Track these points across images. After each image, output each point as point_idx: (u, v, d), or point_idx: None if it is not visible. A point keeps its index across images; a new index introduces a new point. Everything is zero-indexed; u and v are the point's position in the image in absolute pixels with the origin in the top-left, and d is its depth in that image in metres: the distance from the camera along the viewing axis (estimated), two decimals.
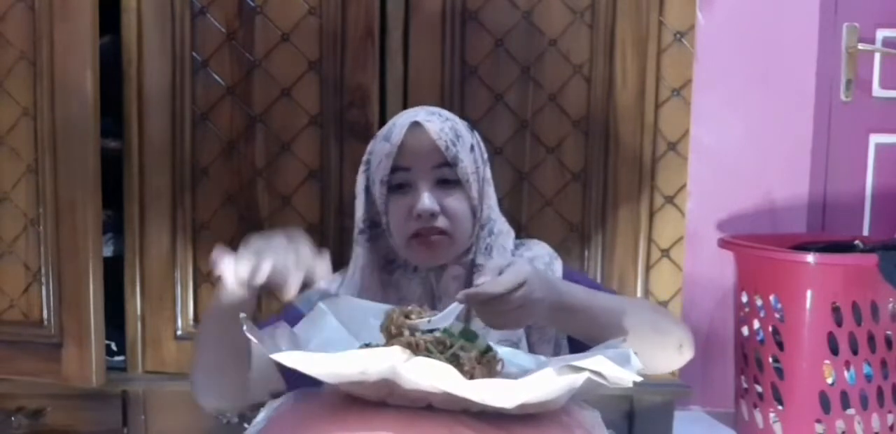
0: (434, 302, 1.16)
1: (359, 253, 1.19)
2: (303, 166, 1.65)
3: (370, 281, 1.18)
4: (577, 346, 1.11)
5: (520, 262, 0.96)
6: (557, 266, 1.21)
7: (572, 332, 1.06)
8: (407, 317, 0.98)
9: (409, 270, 1.18)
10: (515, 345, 1.12)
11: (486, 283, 0.93)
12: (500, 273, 0.94)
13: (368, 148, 1.20)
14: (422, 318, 0.97)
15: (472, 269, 1.15)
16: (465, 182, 1.13)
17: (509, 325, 0.97)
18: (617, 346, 0.94)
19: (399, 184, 1.13)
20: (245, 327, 0.89)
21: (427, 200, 1.10)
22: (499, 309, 0.93)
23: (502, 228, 1.20)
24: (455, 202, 1.13)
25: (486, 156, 1.19)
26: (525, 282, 0.93)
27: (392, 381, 0.83)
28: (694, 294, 2.16)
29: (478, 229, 1.16)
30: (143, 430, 1.71)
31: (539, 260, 1.20)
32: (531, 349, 1.13)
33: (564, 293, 1.00)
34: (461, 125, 1.18)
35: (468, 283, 1.14)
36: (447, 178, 1.13)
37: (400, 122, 1.15)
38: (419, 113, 1.16)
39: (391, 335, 0.97)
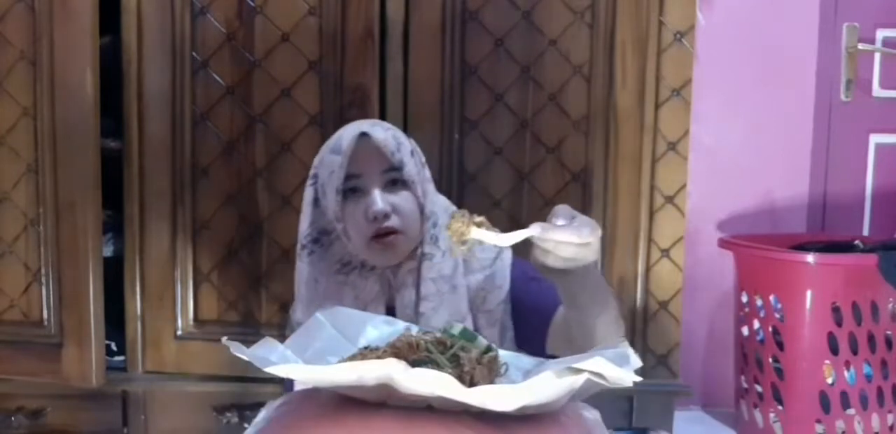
0: (392, 295, 1.23)
1: (301, 268, 1.25)
2: (303, 166, 1.65)
3: (324, 286, 1.24)
4: (522, 332, 1.22)
5: (589, 219, 0.97)
6: (507, 253, 1.27)
7: (570, 299, 1.07)
8: (478, 225, 0.98)
9: (365, 270, 1.24)
10: (461, 323, 1.14)
11: (565, 227, 0.94)
12: (573, 218, 0.96)
13: (315, 162, 1.25)
14: (491, 230, 0.98)
15: (421, 260, 1.22)
16: (411, 183, 1.21)
17: (552, 271, 0.98)
18: (615, 346, 0.93)
19: (352, 189, 1.21)
20: (232, 349, 0.89)
21: (380, 202, 1.18)
22: (558, 253, 0.95)
23: (444, 220, 1.25)
24: (404, 202, 1.21)
25: (423, 159, 1.26)
26: (592, 242, 0.95)
27: (390, 386, 0.83)
28: (694, 294, 2.16)
29: (426, 224, 1.23)
30: (143, 430, 1.71)
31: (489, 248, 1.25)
32: (477, 331, 1.16)
33: (588, 268, 1.03)
34: (400, 133, 1.26)
35: (420, 272, 1.22)
36: (394, 180, 1.21)
37: (347, 134, 1.22)
38: (362, 125, 1.24)
39: (457, 238, 0.98)
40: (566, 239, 0.93)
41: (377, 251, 1.20)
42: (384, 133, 1.23)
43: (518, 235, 0.96)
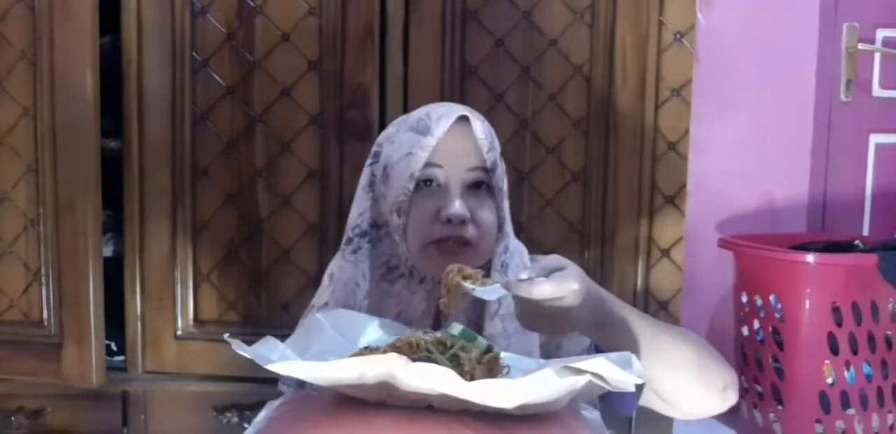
0: (439, 320, 1.07)
1: (342, 267, 1.09)
2: (303, 166, 1.65)
3: (365, 292, 1.09)
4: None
5: (571, 272, 0.89)
6: None
7: (606, 347, 0.99)
8: (464, 278, 0.95)
9: (413, 281, 1.08)
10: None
11: (526, 283, 0.88)
12: (548, 274, 0.89)
13: (380, 139, 1.10)
14: (475, 284, 0.94)
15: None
16: (498, 190, 1.05)
17: (539, 330, 0.93)
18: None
19: (426, 180, 1.03)
20: (233, 346, 0.89)
21: (459, 205, 1.00)
22: (530, 310, 0.89)
23: (515, 246, 1.12)
24: (485, 211, 1.03)
25: (504, 168, 1.10)
26: (564, 296, 0.87)
27: (390, 384, 0.83)
28: (694, 294, 2.17)
29: (498, 244, 1.07)
30: (143, 430, 1.71)
31: None
32: None
33: (610, 313, 0.94)
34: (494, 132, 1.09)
35: (480, 303, 1.05)
36: (478, 182, 1.04)
37: (441, 115, 1.03)
38: (458, 108, 1.06)
39: (448, 291, 0.95)
40: (523, 294, 0.87)
41: (434, 258, 1.02)
42: (482, 124, 1.04)
43: (491, 291, 0.93)
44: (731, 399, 1.02)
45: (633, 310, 0.99)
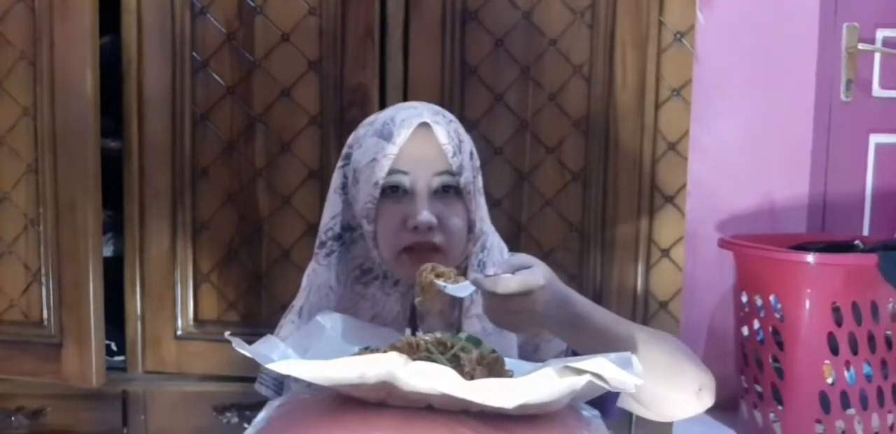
0: (415, 322, 1.08)
1: (317, 271, 1.10)
2: (303, 166, 1.65)
3: (339, 295, 1.09)
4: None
5: (537, 270, 0.91)
6: None
7: (579, 350, 0.99)
8: (438, 276, 0.97)
9: (387, 284, 1.09)
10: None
11: (493, 278, 0.89)
12: (514, 271, 0.90)
13: (350, 140, 1.11)
14: (447, 282, 0.96)
15: None
16: (465, 193, 1.05)
17: (507, 326, 0.95)
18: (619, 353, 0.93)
19: (392, 187, 1.04)
20: (234, 344, 0.89)
21: (426, 212, 1.01)
22: (497, 306, 0.91)
23: (494, 242, 1.13)
24: (453, 214, 1.04)
25: (478, 163, 1.11)
26: (531, 292, 0.89)
27: (391, 383, 0.83)
28: (694, 294, 2.16)
29: (471, 245, 1.09)
30: (143, 430, 1.71)
31: None
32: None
33: (579, 314, 0.95)
34: (462, 129, 1.10)
35: (458, 303, 1.07)
36: (446, 186, 1.05)
37: (403, 120, 1.04)
38: (423, 111, 1.06)
39: (423, 290, 0.97)
40: (488, 288, 0.89)
41: (406, 265, 1.04)
42: (447, 126, 1.04)
43: (463, 287, 0.95)
44: (707, 401, 1.03)
45: (606, 312, 0.99)
